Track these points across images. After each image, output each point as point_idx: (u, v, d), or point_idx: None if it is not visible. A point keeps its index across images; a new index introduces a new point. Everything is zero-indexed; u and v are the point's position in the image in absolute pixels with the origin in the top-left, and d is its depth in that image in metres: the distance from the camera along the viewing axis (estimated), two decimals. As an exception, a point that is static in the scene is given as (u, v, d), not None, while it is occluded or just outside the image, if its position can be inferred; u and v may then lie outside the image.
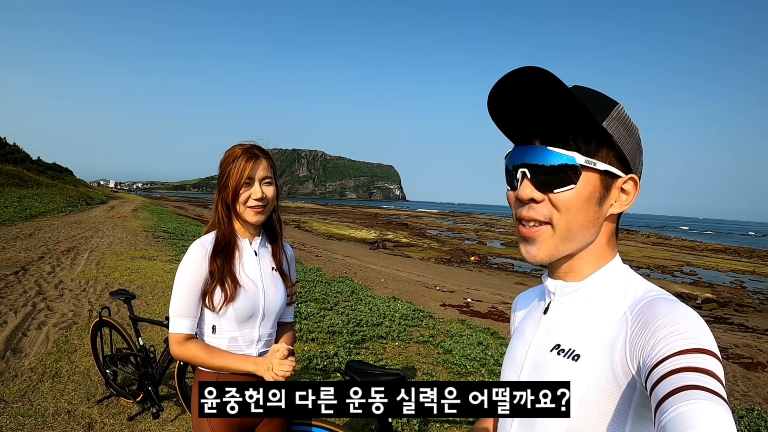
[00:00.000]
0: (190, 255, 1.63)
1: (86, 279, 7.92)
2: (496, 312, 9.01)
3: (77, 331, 5.27)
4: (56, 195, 28.47)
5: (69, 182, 42.47)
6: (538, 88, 0.76)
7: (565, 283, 0.87)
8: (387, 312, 7.07)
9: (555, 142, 0.79)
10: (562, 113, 0.78)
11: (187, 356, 1.62)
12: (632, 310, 0.76)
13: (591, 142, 0.78)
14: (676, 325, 0.66)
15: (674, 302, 0.72)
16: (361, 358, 4.97)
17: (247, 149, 1.65)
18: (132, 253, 11.04)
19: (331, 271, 11.68)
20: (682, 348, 0.63)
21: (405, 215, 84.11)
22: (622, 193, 0.82)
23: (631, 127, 0.80)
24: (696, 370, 0.60)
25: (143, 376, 3.50)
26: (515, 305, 1.12)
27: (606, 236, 0.85)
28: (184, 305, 1.60)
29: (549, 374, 0.82)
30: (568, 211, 0.79)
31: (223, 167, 1.65)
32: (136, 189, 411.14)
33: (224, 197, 1.65)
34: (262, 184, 1.65)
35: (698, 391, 0.57)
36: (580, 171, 0.77)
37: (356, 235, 39.72)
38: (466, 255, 30.07)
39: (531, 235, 0.83)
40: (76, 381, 4.05)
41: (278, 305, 1.77)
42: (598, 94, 0.81)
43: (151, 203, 45.38)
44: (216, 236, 1.69)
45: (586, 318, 0.82)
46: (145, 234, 15.56)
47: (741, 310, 17.80)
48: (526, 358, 0.90)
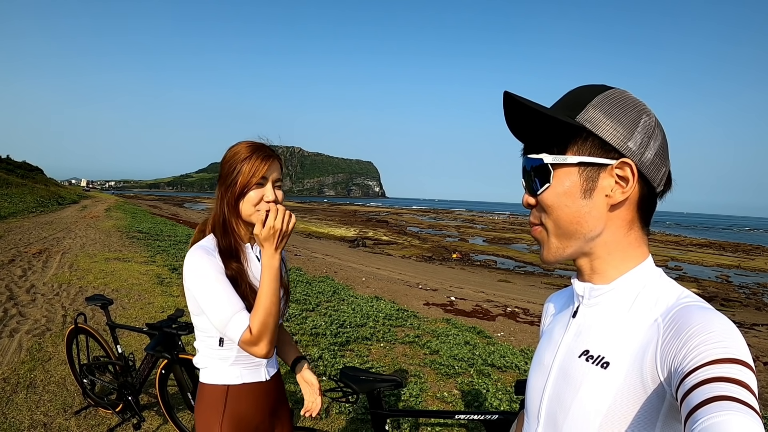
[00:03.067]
0: (198, 259, 1.43)
1: (59, 282, 7.68)
2: (481, 310, 9.00)
3: (51, 338, 5.09)
4: (26, 195, 27.76)
5: (39, 181, 41.45)
6: (514, 108, 0.81)
7: (594, 286, 0.84)
8: (370, 312, 6.99)
9: (531, 148, 0.84)
10: (535, 122, 0.82)
11: (268, 338, 1.39)
12: (664, 318, 0.74)
13: (561, 140, 0.80)
14: (711, 334, 0.64)
15: (708, 310, 0.70)
16: (347, 360, 4.89)
17: (261, 147, 1.52)
18: (106, 254, 10.76)
19: (311, 271, 11.56)
20: (715, 357, 0.61)
21: (385, 212, 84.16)
22: (621, 180, 0.77)
23: (621, 109, 0.77)
24: (729, 380, 0.58)
25: (122, 386, 3.36)
26: (546, 306, 1.10)
27: (622, 231, 0.81)
28: (231, 300, 1.40)
29: (577, 381, 0.81)
30: (551, 208, 0.81)
31: (229, 164, 1.49)
32: (109, 188, 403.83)
33: (229, 198, 1.50)
34: (274, 186, 1.52)
35: (731, 402, 0.55)
36: (551, 169, 0.80)
37: (335, 233, 39.61)
38: (448, 252, 30.22)
39: (536, 236, 0.87)
40: (52, 391, 3.90)
41: (283, 311, 1.65)
42: (587, 88, 0.81)
43: (125, 202, 44.56)
44: (219, 242, 1.53)
45: (616, 323, 0.80)
46: (119, 234, 15.22)
47: (727, 305, 18.22)
48: (554, 363, 0.89)
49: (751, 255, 39.75)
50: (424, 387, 4.36)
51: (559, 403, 0.84)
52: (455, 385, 4.50)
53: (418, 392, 4.20)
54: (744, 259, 36.02)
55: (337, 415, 3.71)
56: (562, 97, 0.83)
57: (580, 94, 0.80)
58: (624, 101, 0.78)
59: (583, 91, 0.80)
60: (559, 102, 0.82)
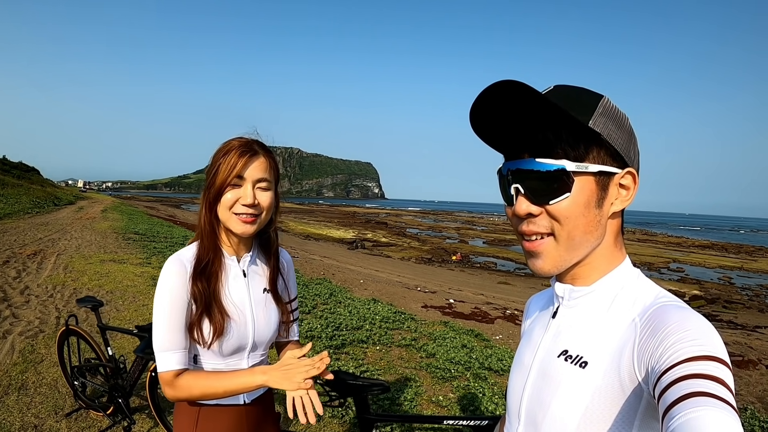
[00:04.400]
0: (167, 275, 1.34)
1: (53, 284, 7.63)
2: (480, 313, 8.96)
3: (44, 339, 5.04)
4: (22, 195, 27.66)
5: (35, 182, 41.32)
6: (515, 101, 0.74)
7: (574, 288, 0.85)
8: (367, 315, 6.95)
9: (543, 152, 0.77)
10: (544, 122, 0.76)
11: (184, 393, 1.31)
12: (641, 317, 0.75)
13: (579, 146, 0.76)
14: (686, 332, 0.65)
15: (685, 309, 0.71)
16: (342, 363, 4.85)
17: (245, 143, 1.36)
18: (101, 256, 10.69)
19: (308, 273, 11.52)
20: (691, 355, 0.62)
21: (384, 214, 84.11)
22: (621, 188, 0.79)
23: (619, 118, 0.78)
24: (705, 377, 0.59)
25: (113, 388, 3.32)
26: (528, 307, 1.11)
27: (612, 236, 0.82)
28: (170, 336, 1.31)
29: (556, 381, 0.82)
30: (568, 220, 0.77)
31: (212, 162, 1.35)
32: (106, 189, 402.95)
33: (208, 199, 1.35)
34: (255, 187, 1.35)
35: (707, 398, 0.56)
36: (573, 177, 0.76)
37: (334, 234, 39.57)
38: (448, 254, 30.18)
39: (535, 249, 0.81)
40: (44, 393, 3.86)
41: (270, 333, 1.51)
42: (580, 91, 0.79)
43: (122, 203, 44.44)
44: (197, 252, 1.39)
45: (595, 324, 0.81)
46: (115, 236, 15.14)
47: (730, 307, 17.98)
48: (533, 363, 0.90)
49: (753, 256, 39.71)
50: (419, 391, 4.32)
51: (539, 402, 0.85)
52: (451, 389, 4.46)
53: (413, 396, 4.16)
54: (747, 261, 35.97)
55: (330, 418, 3.67)
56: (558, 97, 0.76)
57: (581, 97, 0.77)
58: (617, 110, 0.78)
59: (586, 96, 0.78)
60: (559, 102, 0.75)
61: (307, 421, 1.24)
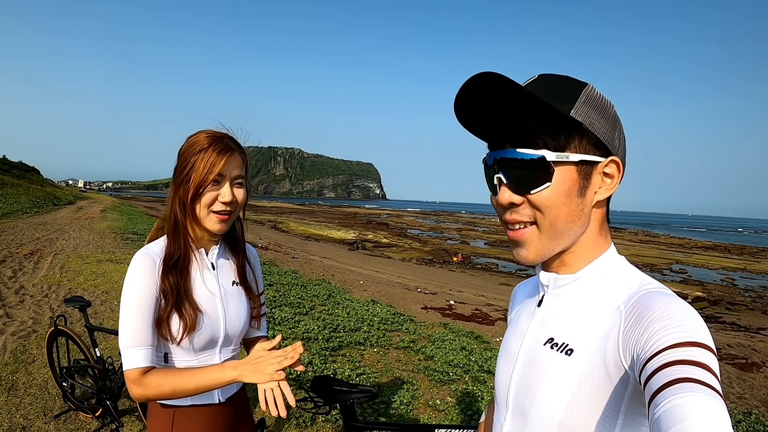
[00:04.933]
0: (135, 270, 1.30)
1: (49, 284, 7.55)
2: (480, 314, 8.89)
3: (36, 340, 4.97)
4: (21, 195, 27.60)
5: (35, 182, 41.28)
6: (495, 93, 0.74)
7: (558, 276, 0.86)
8: (365, 316, 6.87)
9: (524, 142, 0.78)
10: (525, 112, 0.76)
11: (152, 392, 1.27)
12: (626, 304, 0.75)
13: (560, 135, 0.76)
14: (671, 318, 0.65)
15: (669, 296, 0.72)
16: (338, 366, 4.76)
17: (219, 138, 1.32)
18: (98, 256, 10.63)
19: (308, 274, 11.45)
20: (676, 341, 0.62)
21: (385, 215, 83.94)
22: (606, 177, 0.80)
23: (604, 106, 0.78)
24: (691, 363, 0.59)
25: (101, 390, 3.26)
26: (514, 295, 1.12)
27: (597, 224, 0.83)
28: (136, 333, 1.27)
29: (542, 368, 0.83)
30: (549, 209, 0.78)
31: (183, 157, 1.32)
32: (107, 189, 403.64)
33: (182, 196, 1.32)
34: (233, 184, 1.34)
35: (693, 384, 0.56)
36: (553, 167, 0.76)
37: (335, 235, 39.49)
38: (449, 255, 30.07)
39: (518, 238, 0.82)
40: (33, 394, 3.80)
41: (241, 326, 1.49)
42: (563, 79, 0.79)
43: (122, 203, 44.35)
44: (167, 246, 1.36)
45: (580, 312, 0.82)
46: (114, 236, 15.06)
47: (733, 309, 17.81)
48: (520, 351, 0.90)
49: (757, 258, 39.50)
50: (416, 394, 4.24)
51: (526, 390, 0.85)
52: (449, 393, 4.38)
53: (409, 400, 4.08)
54: (750, 262, 35.79)
55: (323, 423, 3.59)
56: (540, 87, 0.77)
57: (563, 86, 0.78)
58: (601, 98, 0.78)
59: (565, 84, 0.78)
60: (540, 92, 0.75)
61: (278, 414, 1.22)
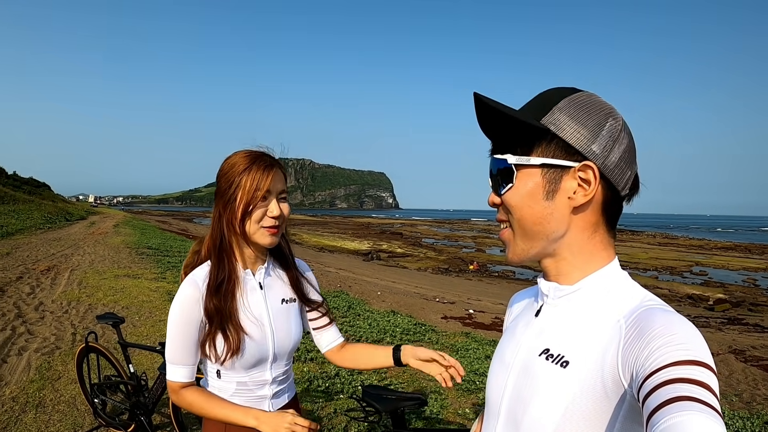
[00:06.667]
0: (181, 296, 1.37)
1: (68, 300, 7.58)
2: (500, 323, 8.81)
3: (60, 356, 4.98)
4: (33, 211, 27.89)
5: (47, 197, 41.71)
6: (482, 109, 0.83)
7: (559, 286, 0.86)
8: (387, 327, 6.85)
9: (499, 148, 0.86)
10: (501, 123, 0.83)
11: (185, 405, 1.42)
12: (627, 319, 0.74)
13: (528, 141, 0.81)
14: (673, 336, 0.65)
15: (671, 313, 0.71)
16: (365, 377, 4.73)
17: (260, 156, 1.37)
18: (115, 271, 10.68)
19: (324, 285, 11.43)
20: (677, 359, 0.62)
21: (399, 224, 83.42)
22: (583, 182, 0.78)
23: (583, 113, 0.79)
24: (690, 381, 0.59)
25: (135, 405, 3.25)
26: (511, 303, 1.13)
27: (586, 233, 0.82)
28: (179, 352, 1.38)
29: (537, 379, 0.82)
30: (514, 209, 0.82)
31: (227, 178, 1.35)
32: (117, 203, 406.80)
33: (229, 216, 1.36)
34: (278, 199, 1.39)
35: (692, 403, 0.56)
36: (514, 169, 0.81)
37: (349, 246, 39.39)
38: (465, 264, 29.83)
39: (502, 237, 0.88)
40: (62, 411, 3.80)
41: (291, 343, 1.52)
42: (554, 91, 0.83)
43: (133, 218, 44.66)
44: (212, 271, 1.41)
45: (578, 324, 0.81)
46: (128, 251, 15.13)
47: (755, 310, 17.24)
48: (515, 360, 0.90)
49: (778, 257, 38.49)
50: (444, 404, 4.21)
51: (520, 400, 0.84)
52: (477, 401, 4.34)
53: (438, 409, 4.05)
54: (772, 261, 34.81)
55: (362, 434, 3.55)
56: (532, 99, 0.84)
57: (548, 96, 0.82)
58: (590, 104, 0.79)
59: (552, 94, 0.82)
60: (529, 104, 0.84)
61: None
